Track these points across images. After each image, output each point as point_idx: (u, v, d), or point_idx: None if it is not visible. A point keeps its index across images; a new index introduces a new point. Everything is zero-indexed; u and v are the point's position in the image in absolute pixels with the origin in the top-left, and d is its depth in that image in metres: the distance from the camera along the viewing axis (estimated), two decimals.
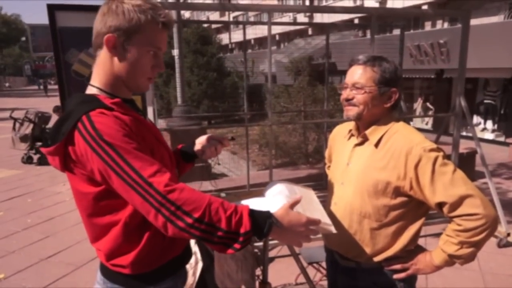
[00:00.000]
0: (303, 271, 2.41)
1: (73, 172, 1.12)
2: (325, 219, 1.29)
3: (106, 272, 1.23)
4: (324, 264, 2.37)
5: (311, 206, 1.35)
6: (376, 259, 1.49)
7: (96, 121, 1.04)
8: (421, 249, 1.51)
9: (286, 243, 1.11)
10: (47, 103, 17.98)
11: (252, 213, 1.05)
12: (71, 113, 1.09)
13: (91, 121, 1.04)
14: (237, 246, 1.02)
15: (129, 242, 1.15)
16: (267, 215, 1.07)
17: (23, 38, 45.46)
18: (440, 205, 1.34)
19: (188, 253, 1.39)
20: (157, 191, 0.99)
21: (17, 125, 8.55)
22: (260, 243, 2.89)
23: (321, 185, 5.19)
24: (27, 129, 8.38)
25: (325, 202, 1.59)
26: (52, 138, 1.09)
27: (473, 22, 4.36)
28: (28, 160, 8.14)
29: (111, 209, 1.13)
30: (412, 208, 1.44)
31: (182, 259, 1.33)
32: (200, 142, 1.54)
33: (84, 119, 1.05)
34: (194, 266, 1.94)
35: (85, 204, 1.15)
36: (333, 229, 1.27)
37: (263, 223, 1.05)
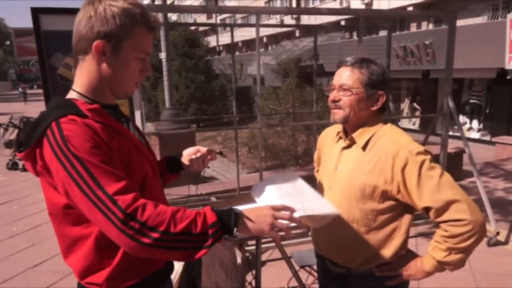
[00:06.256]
0: (295, 275, 2.40)
1: (44, 179, 1.07)
2: (324, 204, 1.32)
3: None
4: (316, 267, 2.35)
5: (302, 195, 1.36)
6: (368, 265, 1.47)
7: (65, 128, 1.00)
8: (412, 255, 1.49)
9: (259, 234, 1.12)
10: (33, 108, 17.72)
11: (215, 209, 1.06)
12: (43, 118, 1.05)
13: (60, 128, 1.00)
14: (209, 242, 1.01)
15: (102, 258, 1.10)
16: (229, 208, 1.08)
17: (8, 42, 44.83)
18: (427, 209, 1.32)
19: (170, 267, 1.33)
20: (121, 209, 0.96)
21: (1, 130, 8.39)
22: (252, 247, 2.87)
23: (312, 187, 5.19)
24: (12, 134, 8.21)
25: None
26: (25, 142, 1.05)
27: (458, 23, 4.41)
28: (13, 166, 7.98)
29: (82, 220, 1.06)
30: (400, 212, 1.43)
31: (163, 274, 1.26)
32: (187, 154, 1.51)
33: (54, 126, 1.01)
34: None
35: (55, 213, 1.10)
36: (335, 211, 1.28)
37: (228, 216, 1.06)
